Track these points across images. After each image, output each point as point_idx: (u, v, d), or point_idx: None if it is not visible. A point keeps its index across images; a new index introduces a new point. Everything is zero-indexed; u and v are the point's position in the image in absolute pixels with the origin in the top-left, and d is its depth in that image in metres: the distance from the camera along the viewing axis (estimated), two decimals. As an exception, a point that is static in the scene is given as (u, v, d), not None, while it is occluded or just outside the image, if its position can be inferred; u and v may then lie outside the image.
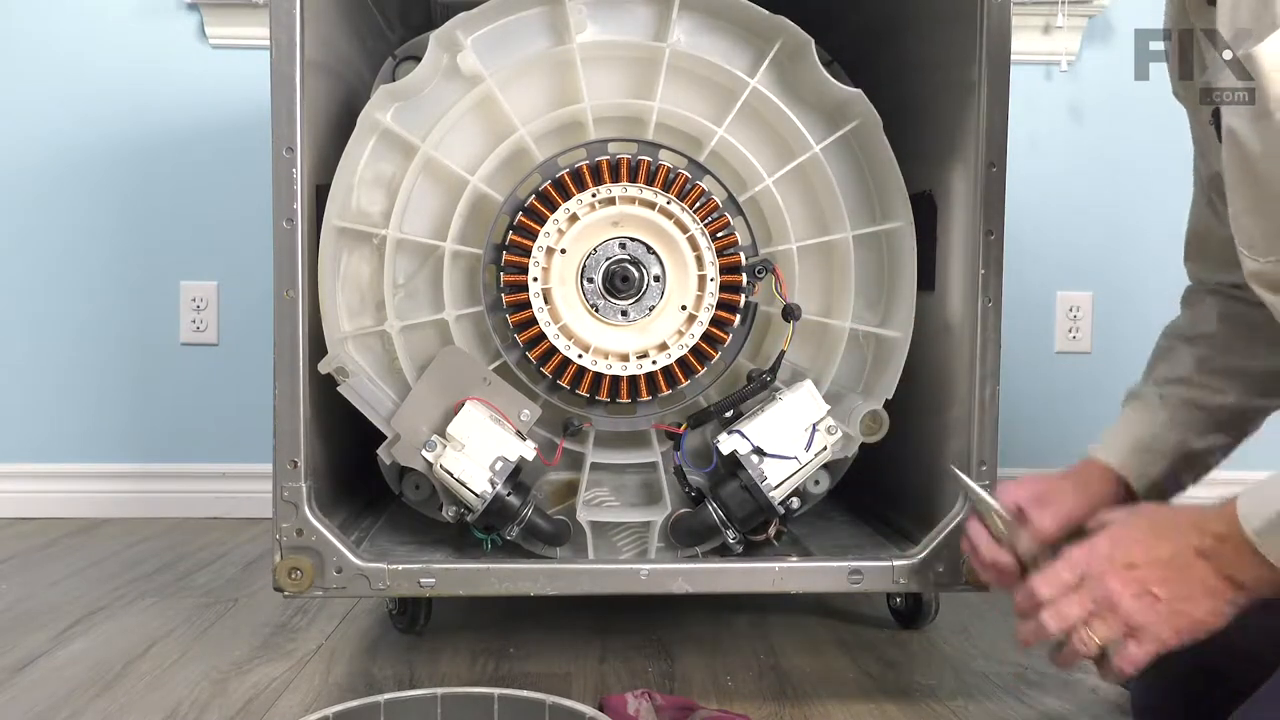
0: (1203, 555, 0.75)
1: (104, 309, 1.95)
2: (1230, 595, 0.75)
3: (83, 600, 1.40)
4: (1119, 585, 0.77)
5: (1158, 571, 0.76)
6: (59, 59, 1.93)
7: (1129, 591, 0.76)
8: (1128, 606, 0.76)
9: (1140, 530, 0.79)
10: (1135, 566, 0.77)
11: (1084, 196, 1.95)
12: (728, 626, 1.30)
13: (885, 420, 1.16)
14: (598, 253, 1.12)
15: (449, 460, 1.07)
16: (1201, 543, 0.75)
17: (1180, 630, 0.76)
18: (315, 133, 1.09)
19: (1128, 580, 0.77)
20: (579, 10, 1.13)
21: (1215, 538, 0.74)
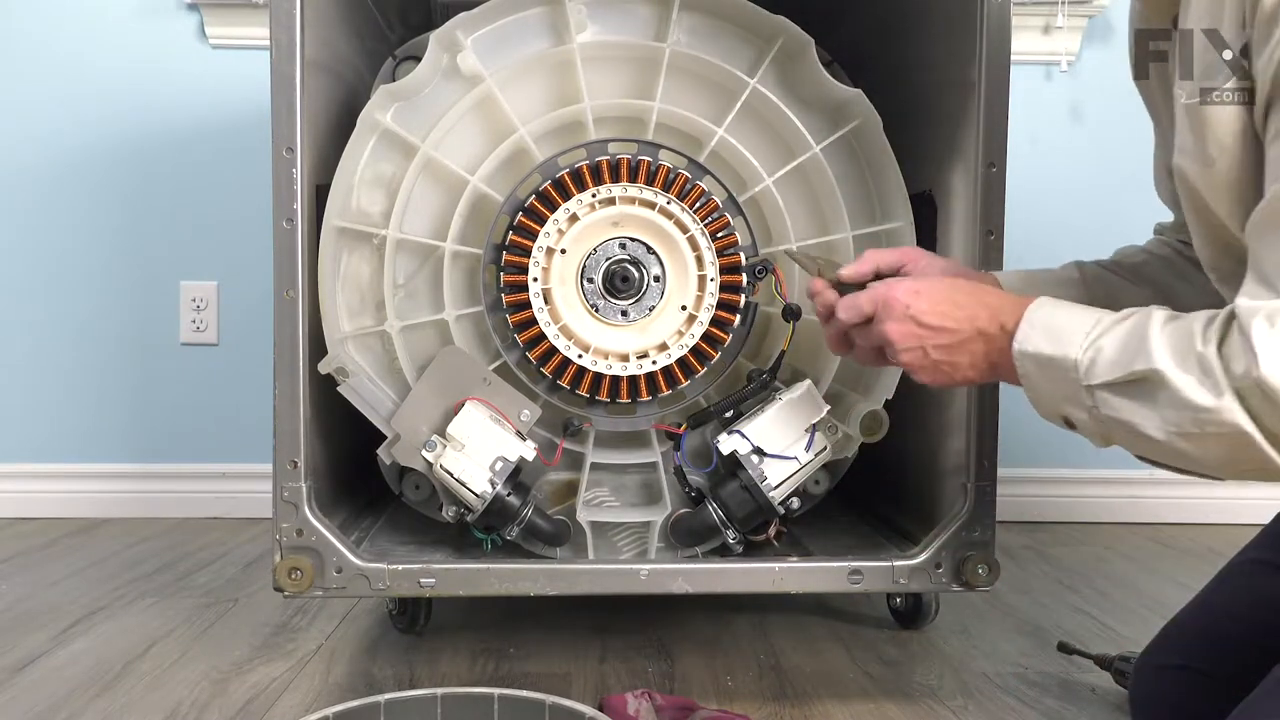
0: (982, 335, 0.85)
1: (104, 309, 1.95)
2: (986, 375, 0.87)
3: (83, 600, 1.40)
4: (898, 334, 0.87)
5: (938, 337, 0.86)
6: (59, 59, 1.93)
7: (906, 344, 0.87)
8: (902, 356, 0.88)
9: (941, 292, 0.88)
10: (921, 324, 0.87)
11: (1084, 196, 1.95)
12: (728, 626, 1.30)
13: (885, 420, 1.16)
14: (598, 253, 1.13)
15: (449, 460, 1.07)
16: (988, 326, 0.84)
17: (941, 384, 0.90)
18: (315, 133, 1.09)
19: (908, 334, 0.87)
20: (579, 10, 1.13)
21: (1000, 327, 0.84)
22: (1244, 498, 1.93)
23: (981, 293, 0.87)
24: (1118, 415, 0.76)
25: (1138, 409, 0.75)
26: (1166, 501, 1.97)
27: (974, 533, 1.09)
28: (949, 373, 0.87)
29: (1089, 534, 1.87)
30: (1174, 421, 0.73)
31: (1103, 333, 0.77)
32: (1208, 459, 0.74)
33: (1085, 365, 0.77)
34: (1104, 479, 1.97)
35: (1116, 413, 0.76)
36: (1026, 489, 1.95)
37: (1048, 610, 1.39)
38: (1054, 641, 1.21)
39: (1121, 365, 0.75)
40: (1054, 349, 0.79)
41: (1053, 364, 0.79)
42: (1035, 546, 1.76)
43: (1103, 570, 1.62)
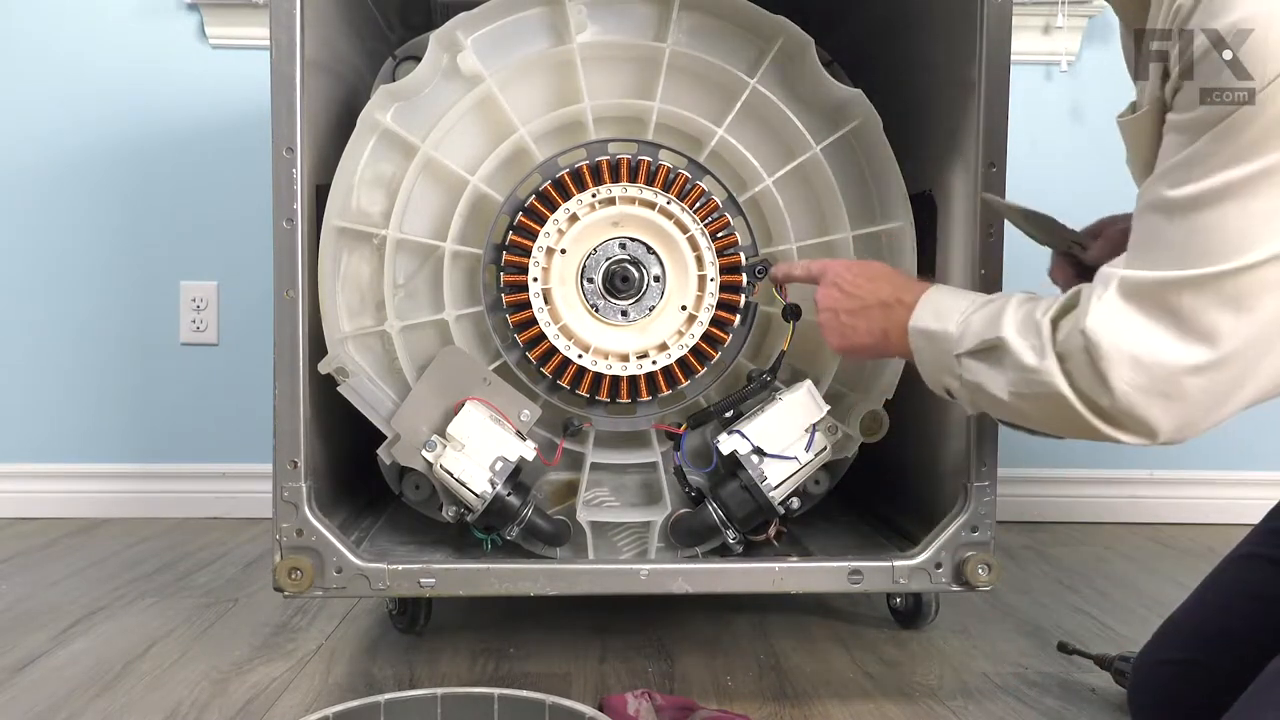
0: (883, 306, 0.97)
1: (104, 309, 1.95)
2: (879, 342, 0.98)
3: (83, 600, 1.40)
4: (822, 295, 1.02)
5: (848, 301, 0.99)
6: (59, 59, 1.93)
7: (825, 304, 1.01)
8: (820, 315, 1.02)
9: (864, 269, 1.02)
10: (841, 291, 1.00)
11: (1084, 196, 1.94)
12: (728, 626, 1.30)
13: (885, 420, 1.16)
14: (598, 253, 1.12)
15: (449, 460, 1.07)
16: (889, 298, 0.97)
17: (842, 348, 1.02)
18: (315, 133, 1.09)
19: (829, 295, 1.01)
20: (579, 10, 1.13)
21: (899, 302, 0.96)
22: (1244, 498, 1.93)
23: (896, 275, 1.01)
24: (975, 379, 0.87)
25: (987, 371, 0.86)
26: (1166, 501, 1.97)
27: (974, 533, 1.09)
28: (849, 336, 0.99)
29: (1089, 534, 1.87)
30: (1013, 382, 0.83)
31: (974, 310, 0.89)
32: (1041, 418, 0.84)
33: (955, 337, 0.89)
34: (1104, 479, 1.97)
35: (975, 376, 0.87)
36: (1026, 489, 1.95)
37: (1048, 610, 1.39)
38: (1054, 641, 1.21)
39: (981, 335, 0.86)
40: (937, 324, 0.91)
41: (934, 337, 0.91)
42: (1035, 546, 1.76)
43: (1103, 570, 1.62)
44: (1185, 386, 0.75)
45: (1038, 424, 0.86)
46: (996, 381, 0.85)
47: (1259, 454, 1.98)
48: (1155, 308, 0.75)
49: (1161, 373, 0.75)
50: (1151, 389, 0.75)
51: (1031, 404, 0.83)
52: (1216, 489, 1.98)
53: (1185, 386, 0.75)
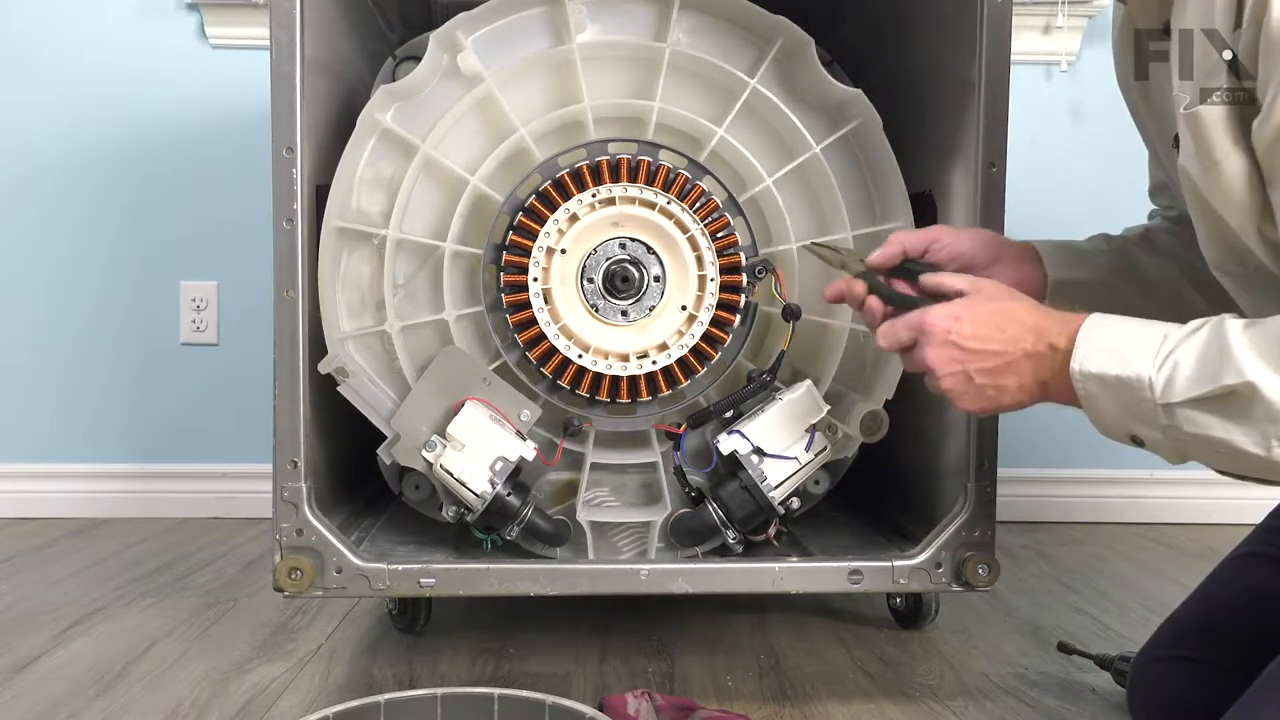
0: (1030, 357, 0.82)
1: (104, 309, 1.95)
2: (1036, 397, 0.84)
3: (83, 600, 1.40)
4: (939, 360, 0.85)
5: (982, 362, 0.84)
6: (59, 59, 1.93)
7: (947, 369, 0.85)
8: (944, 382, 0.86)
9: (983, 315, 0.85)
10: (963, 349, 0.84)
11: (1084, 196, 1.95)
12: (728, 626, 1.30)
13: (885, 420, 1.16)
14: (598, 253, 1.12)
15: (449, 460, 1.07)
16: (1035, 346, 0.82)
17: (983, 409, 0.86)
18: (315, 133, 1.09)
19: (949, 359, 0.85)
20: (579, 10, 1.13)
21: (1050, 347, 0.81)
22: (1244, 498, 1.92)
23: (1023, 313, 0.84)
24: (1205, 433, 0.73)
25: (1229, 425, 0.72)
26: (1166, 501, 1.97)
27: (974, 533, 1.09)
28: (995, 397, 0.84)
29: (1089, 534, 1.87)
30: (1276, 436, 0.70)
31: (1174, 347, 0.74)
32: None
33: (1161, 384, 0.74)
34: (1104, 479, 1.98)
35: (1203, 430, 0.73)
36: (1026, 489, 1.95)
37: (1048, 610, 1.39)
38: (1054, 641, 1.21)
39: (1205, 381, 0.72)
40: (1121, 368, 0.76)
41: (1121, 384, 0.76)
42: (1035, 546, 1.76)
43: (1103, 570, 1.62)
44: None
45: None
46: (1249, 435, 0.71)
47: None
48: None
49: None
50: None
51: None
52: (1216, 489, 1.97)
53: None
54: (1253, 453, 0.72)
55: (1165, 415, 0.75)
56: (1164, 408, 0.74)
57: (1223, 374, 0.71)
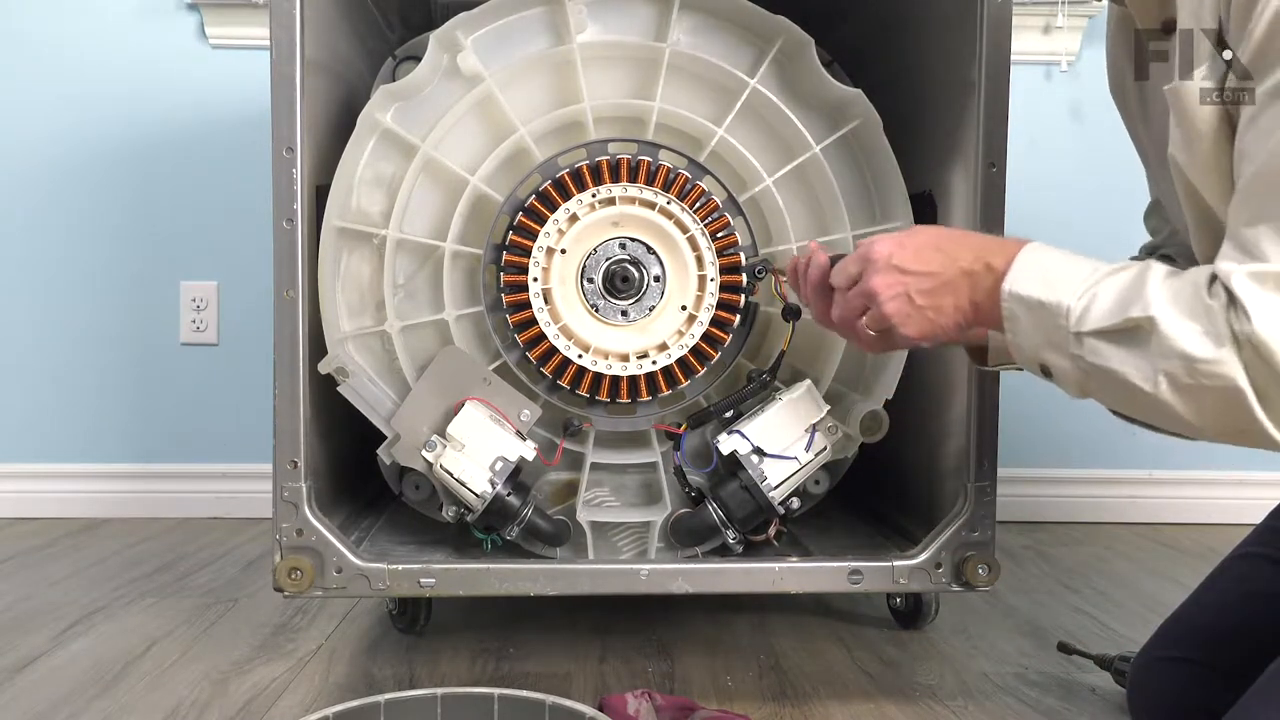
0: (967, 275, 0.83)
1: (104, 309, 1.95)
2: (970, 319, 0.85)
3: (83, 600, 1.40)
4: (882, 285, 0.86)
5: (921, 281, 0.85)
6: (59, 59, 1.93)
7: (890, 292, 0.86)
8: (886, 306, 0.86)
9: (925, 238, 0.87)
10: (904, 271, 0.85)
11: (1084, 196, 1.95)
12: (728, 626, 1.30)
13: (885, 420, 1.16)
14: (598, 253, 1.12)
15: (449, 460, 1.07)
16: (972, 265, 0.83)
17: (924, 333, 0.86)
18: (315, 133, 1.09)
19: (891, 283, 0.86)
20: (579, 10, 1.13)
21: (986, 266, 0.82)
22: (1244, 498, 1.93)
23: (967, 236, 0.87)
24: (1105, 364, 0.75)
25: (1126, 355, 0.74)
26: (1166, 501, 1.97)
27: (974, 533, 1.09)
28: (934, 319, 0.85)
29: (1089, 534, 1.87)
30: (1166, 371, 0.71)
31: (1099, 280, 0.76)
32: (1192, 414, 0.72)
33: (1078, 312, 0.76)
34: (1104, 479, 1.97)
35: (1104, 361, 0.75)
36: (1026, 489, 1.95)
37: (1048, 610, 1.39)
38: (1054, 641, 1.21)
39: (1117, 313, 0.74)
40: (1047, 293, 0.78)
41: (1043, 308, 0.78)
42: (1035, 546, 1.76)
43: (1103, 570, 1.62)
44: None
45: (1176, 420, 0.74)
46: (1141, 369, 0.73)
47: (1259, 454, 1.97)
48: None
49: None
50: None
51: (1187, 397, 0.72)
52: (1216, 489, 1.98)
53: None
54: (1141, 387, 0.73)
55: (1075, 344, 0.76)
56: (1075, 336, 0.76)
57: (1132, 307, 0.73)
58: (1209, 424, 0.73)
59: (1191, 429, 0.75)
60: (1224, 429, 0.73)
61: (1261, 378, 0.69)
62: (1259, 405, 0.69)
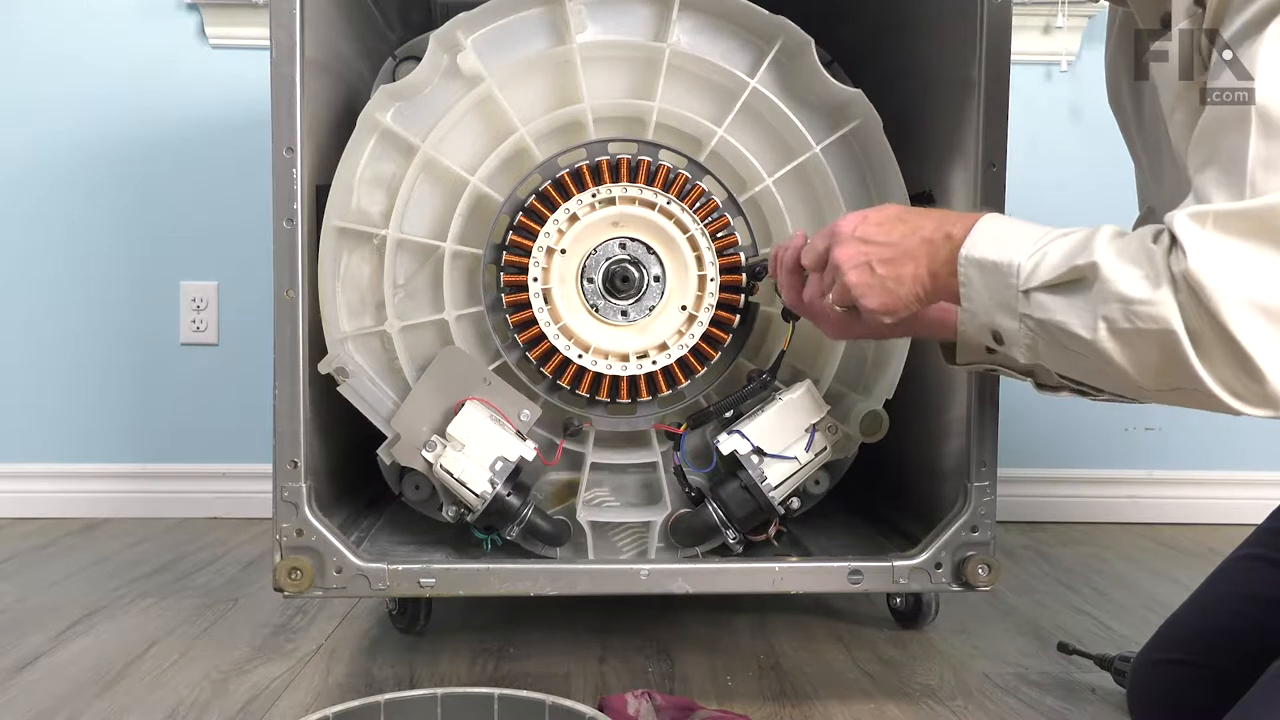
0: (926, 244, 0.84)
1: (104, 309, 1.95)
2: (928, 289, 0.85)
3: (83, 600, 1.40)
4: (845, 255, 0.88)
5: (882, 250, 0.86)
6: (59, 59, 1.93)
7: (852, 262, 0.87)
8: (849, 276, 0.88)
9: (889, 211, 0.89)
10: (867, 242, 0.87)
11: (1084, 196, 1.95)
12: (728, 626, 1.31)
13: (885, 420, 1.16)
14: (598, 253, 1.12)
15: (449, 460, 1.07)
16: (933, 234, 0.84)
17: (885, 305, 0.87)
18: (315, 133, 1.09)
19: (854, 253, 0.87)
20: (579, 10, 1.13)
21: (946, 235, 0.83)
22: (1244, 498, 1.93)
23: (932, 211, 0.88)
24: (1048, 316, 0.75)
25: (1068, 305, 0.74)
26: (1166, 501, 1.97)
27: (974, 533, 1.09)
28: (894, 289, 0.86)
29: (1089, 534, 1.87)
30: (1105, 315, 0.71)
31: (1051, 241, 0.77)
32: (1131, 364, 0.72)
33: (1028, 270, 0.76)
34: (1104, 479, 1.98)
35: (1047, 314, 0.75)
36: (1026, 489, 1.95)
37: (1048, 610, 1.39)
38: (1054, 641, 1.21)
39: (1063, 265, 0.74)
40: (999, 254, 0.78)
41: (996, 269, 0.78)
42: (1035, 546, 1.76)
43: (1103, 570, 1.62)
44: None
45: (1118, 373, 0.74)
46: (1082, 316, 0.73)
47: (1259, 454, 1.98)
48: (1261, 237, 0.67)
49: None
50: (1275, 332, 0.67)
51: (1125, 343, 0.71)
52: (1216, 489, 1.98)
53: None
54: (1082, 336, 0.73)
55: (1024, 302, 0.76)
56: (1024, 294, 0.76)
57: (1077, 258, 0.73)
58: (1148, 376, 0.72)
59: (1132, 384, 0.74)
60: (1162, 380, 0.72)
61: (1195, 319, 0.68)
62: (1192, 350, 0.68)
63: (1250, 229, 0.67)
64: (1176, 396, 0.73)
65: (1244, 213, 0.67)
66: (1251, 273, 0.67)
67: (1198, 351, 0.68)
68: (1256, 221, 0.67)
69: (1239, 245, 0.67)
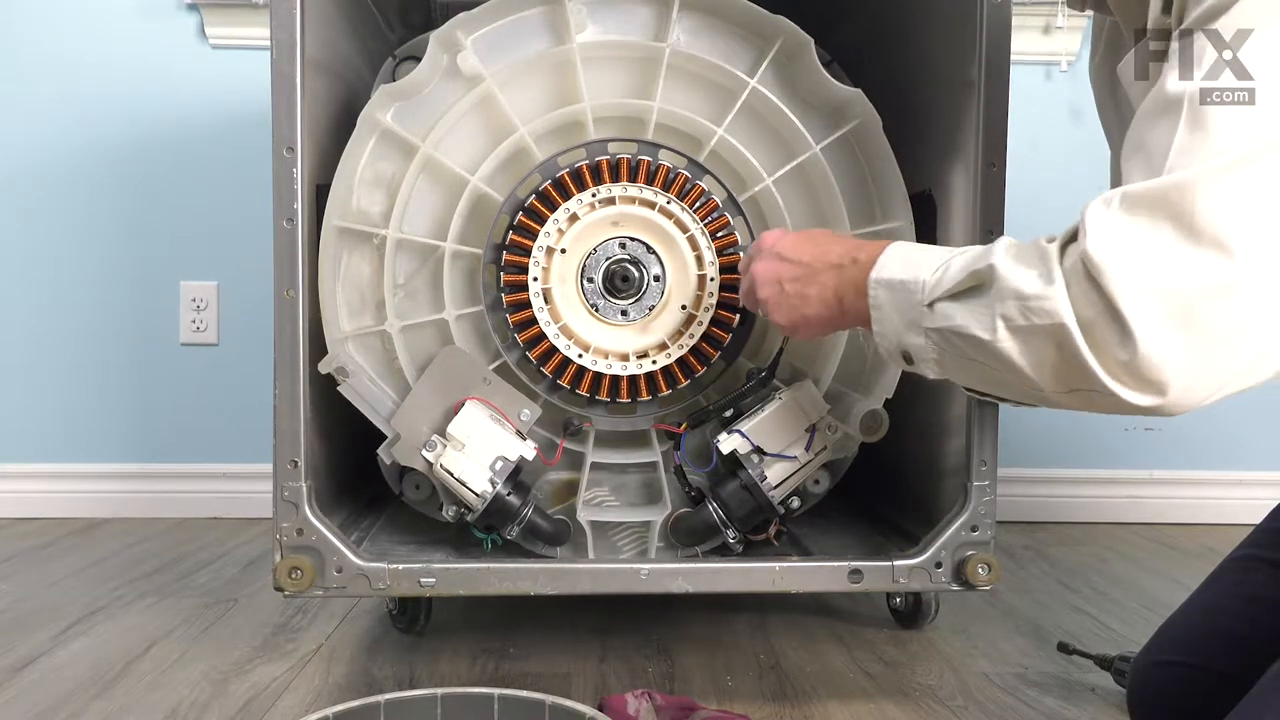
0: (834, 268, 0.89)
1: (104, 309, 1.95)
2: (834, 311, 0.89)
3: (83, 600, 1.40)
4: (761, 270, 0.94)
5: (792, 269, 0.91)
6: (59, 59, 1.93)
7: (766, 277, 0.93)
8: (761, 291, 0.94)
9: (806, 233, 0.95)
10: (782, 259, 0.93)
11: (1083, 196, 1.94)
12: (728, 626, 1.30)
13: (885, 420, 1.16)
14: (598, 252, 1.13)
15: (449, 460, 1.07)
16: (840, 259, 0.89)
17: (792, 322, 0.93)
18: (315, 133, 1.09)
19: (769, 269, 0.93)
20: (579, 10, 1.13)
21: (853, 260, 0.87)
22: (1244, 498, 1.93)
23: (842, 237, 0.93)
24: (949, 324, 0.77)
25: (968, 310, 0.76)
26: (1166, 501, 1.97)
27: (974, 533, 1.09)
28: (799, 307, 0.91)
29: (1089, 534, 1.87)
30: (1005, 315, 0.73)
31: (954, 256, 0.80)
32: (1030, 365, 0.73)
33: (931, 284, 0.79)
34: (1104, 479, 1.98)
35: (949, 321, 0.77)
36: (1026, 489, 1.95)
37: (1048, 610, 1.39)
38: (1054, 641, 1.21)
39: (962, 273, 0.76)
40: (906, 274, 0.81)
41: (903, 287, 0.81)
42: (1035, 546, 1.76)
43: (1103, 570, 1.62)
44: (1201, 311, 0.66)
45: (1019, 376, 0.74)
46: (980, 318, 0.74)
47: (1259, 454, 1.98)
48: (1162, 214, 0.66)
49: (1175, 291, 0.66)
50: (1165, 313, 0.66)
51: (1023, 342, 0.72)
52: (1216, 489, 1.98)
53: (1201, 311, 0.66)
54: (982, 338, 0.75)
55: (928, 316, 0.79)
56: (928, 307, 0.79)
57: (974, 265, 0.76)
58: (1046, 377, 0.73)
59: (1033, 387, 0.75)
60: (1060, 380, 0.73)
61: (1086, 307, 0.69)
62: (1083, 341, 0.69)
63: (1153, 207, 0.67)
64: (1077, 399, 0.73)
65: (1147, 190, 0.68)
66: (1147, 252, 0.67)
67: (1089, 343, 0.69)
68: (1160, 199, 0.67)
69: (1139, 224, 0.68)
